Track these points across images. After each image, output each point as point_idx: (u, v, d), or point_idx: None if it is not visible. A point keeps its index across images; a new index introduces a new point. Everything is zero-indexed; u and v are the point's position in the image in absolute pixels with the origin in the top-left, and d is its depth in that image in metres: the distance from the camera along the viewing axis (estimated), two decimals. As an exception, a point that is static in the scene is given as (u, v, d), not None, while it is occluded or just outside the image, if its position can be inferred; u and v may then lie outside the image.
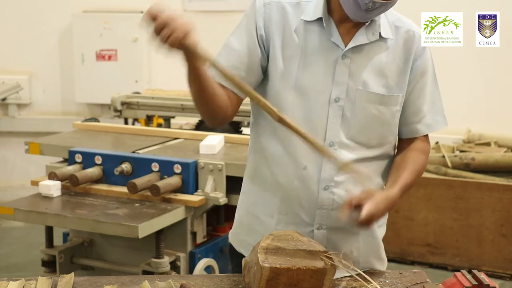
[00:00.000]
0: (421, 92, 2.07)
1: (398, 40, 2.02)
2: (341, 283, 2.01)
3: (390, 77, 2.02)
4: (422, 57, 2.04)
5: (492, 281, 1.82)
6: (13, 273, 4.48)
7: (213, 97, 1.93)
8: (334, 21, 1.99)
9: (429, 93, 2.08)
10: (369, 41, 1.99)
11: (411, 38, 2.03)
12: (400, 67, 2.02)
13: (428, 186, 4.83)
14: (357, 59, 1.99)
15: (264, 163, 2.08)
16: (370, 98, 2.00)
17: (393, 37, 2.02)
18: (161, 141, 3.96)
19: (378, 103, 2.00)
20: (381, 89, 2.01)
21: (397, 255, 4.94)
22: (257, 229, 2.09)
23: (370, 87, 1.99)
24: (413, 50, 2.03)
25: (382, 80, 2.01)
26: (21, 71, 6.30)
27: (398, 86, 2.03)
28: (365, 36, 1.98)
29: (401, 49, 2.03)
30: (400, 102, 2.04)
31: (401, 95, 2.04)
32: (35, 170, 5.41)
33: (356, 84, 1.99)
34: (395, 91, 2.02)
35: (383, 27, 2.00)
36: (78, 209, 3.25)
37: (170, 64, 6.20)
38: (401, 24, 2.04)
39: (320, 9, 1.98)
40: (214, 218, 3.66)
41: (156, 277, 2.00)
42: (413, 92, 2.06)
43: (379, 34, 2.00)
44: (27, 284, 1.93)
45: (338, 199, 2.02)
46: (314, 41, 1.99)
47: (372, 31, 1.99)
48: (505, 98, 5.49)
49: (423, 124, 2.09)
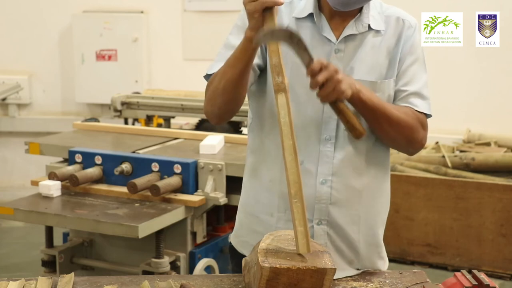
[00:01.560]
0: (406, 72, 2.05)
1: (388, 29, 2.05)
2: (341, 283, 2.01)
3: (383, 65, 2.03)
4: (410, 40, 2.05)
5: (492, 281, 1.82)
6: (13, 273, 4.48)
7: (246, 83, 1.95)
8: (325, 17, 2.02)
9: (415, 74, 2.06)
10: (358, 32, 2.01)
11: (400, 25, 2.05)
12: (391, 54, 2.04)
13: (428, 186, 4.83)
14: (349, 51, 2.01)
15: (262, 162, 2.09)
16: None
17: (384, 28, 2.04)
18: (161, 141, 3.96)
19: (372, 91, 2.00)
20: (374, 76, 2.02)
21: (397, 255, 4.94)
22: (258, 230, 2.09)
23: (364, 76, 2.01)
24: (402, 35, 2.05)
25: (375, 69, 2.02)
26: (21, 71, 6.30)
27: (389, 71, 2.04)
28: (354, 28, 2.01)
29: (392, 36, 2.05)
30: (393, 86, 2.05)
31: (392, 79, 2.05)
32: (35, 170, 5.42)
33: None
34: (387, 76, 2.04)
35: (372, 19, 2.03)
36: (78, 209, 3.25)
37: (170, 64, 6.26)
38: (391, 13, 2.07)
39: (310, 6, 2.02)
40: (214, 218, 3.66)
41: (156, 277, 2.00)
42: (399, 72, 2.06)
43: (368, 25, 2.02)
44: (27, 284, 1.93)
45: (336, 193, 2.02)
46: (306, 36, 2.00)
47: (361, 23, 2.02)
48: (505, 98, 5.49)
49: (406, 102, 2.05)
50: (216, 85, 1.97)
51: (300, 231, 1.79)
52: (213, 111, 2.03)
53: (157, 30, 6.14)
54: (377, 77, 2.02)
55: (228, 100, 1.98)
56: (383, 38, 2.04)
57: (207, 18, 5.99)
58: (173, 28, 6.11)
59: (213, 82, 1.99)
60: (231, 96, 1.96)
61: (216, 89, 1.97)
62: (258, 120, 2.10)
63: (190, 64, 6.04)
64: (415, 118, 2.04)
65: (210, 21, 5.95)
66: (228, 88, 1.94)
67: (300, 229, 1.79)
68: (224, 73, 1.94)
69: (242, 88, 1.96)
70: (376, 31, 2.03)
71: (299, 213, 1.80)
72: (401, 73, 2.05)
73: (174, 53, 6.15)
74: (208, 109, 2.05)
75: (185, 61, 6.13)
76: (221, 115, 2.04)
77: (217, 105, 2.00)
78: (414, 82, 2.06)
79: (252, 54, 1.89)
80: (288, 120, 1.82)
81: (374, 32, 2.03)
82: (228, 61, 1.93)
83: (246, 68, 1.91)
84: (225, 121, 2.12)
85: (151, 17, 6.15)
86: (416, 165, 5.02)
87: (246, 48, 1.88)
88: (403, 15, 2.07)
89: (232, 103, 1.99)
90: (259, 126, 2.10)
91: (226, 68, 1.93)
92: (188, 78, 5.64)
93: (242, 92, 1.97)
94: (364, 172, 2.05)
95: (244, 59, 1.89)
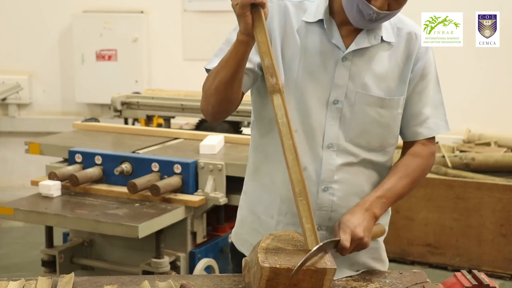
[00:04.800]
0: (422, 95, 2.05)
1: (399, 42, 2.02)
2: (341, 283, 2.01)
3: (391, 80, 2.01)
4: (423, 59, 2.03)
5: (492, 281, 1.82)
6: (13, 273, 4.48)
7: (239, 84, 1.94)
8: (336, 23, 1.98)
9: (431, 96, 2.06)
10: (371, 44, 1.98)
11: (412, 40, 2.03)
12: (401, 69, 2.02)
13: (428, 186, 4.83)
14: (358, 62, 1.98)
15: (264, 162, 2.09)
16: (370, 101, 1.99)
17: (395, 40, 2.01)
18: (161, 141, 3.96)
19: (378, 106, 2.00)
20: (382, 92, 2.00)
21: (397, 255, 4.95)
22: (258, 229, 2.09)
23: (370, 90, 1.99)
24: (414, 52, 2.02)
25: (382, 83, 2.00)
26: (21, 71, 6.31)
27: (399, 89, 2.02)
28: (366, 40, 1.98)
29: (403, 51, 2.02)
30: (402, 104, 2.03)
31: (402, 97, 2.02)
32: (35, 170, 5.42)
33: (355, 87, 1.98)
34: (396, 94, 2.01)
35: (385, 30, 2.00)
36: (78, 209, 3.25)
37: (170, 64, 6.26)
38: (403, 26, 2.03)
39: (321, 11, 1.98)
40: (214, 218, 3.66)
41: (156, 277, 2.00)
42: (414, 94, 2.04)
43: (381, 37, 1.99)
44: (27, 284, 1.93)
45: (337, 200, 2.02)
46: (314, 42, 1.98)
47: (374, 35, 1.98)
48: (505, 98, 5.49)
49: (424, 128, 2.07)
50: (210, 84, 1.95)
51: (308, 228, 1.80)
52: (208, 109, 2.01)
53: (157, 30, 6.15)
54: (385, 93, 2.00)
55: (220, 99, 1.95)
56: (393, 51, 2.01)
57: (207, 18, 5.99)
58: (173, 28, 6.11)
59: (208, 80, 1.98)
60: (223, 96, 1.94)
61: (209, 88, 1.96)
62: (260, 120, 2.09)
63: (190, 64, 6.04)
64: (425, 151, 2.08)
65: (210, 21, 5.96)
66: (220, 88, 1.92)
67: (307, 226, 1.80)
68: (217, 72, 1.92)
69: (234, 88, 1.93)
70: (388, 42, 2.00)
71: (305, 210, 1.81)
72: (417, 94, 2.04)
73: (174, 53, 6.15)
74: (203, 107, 2.03)
75: (185, 61, 6.13)
76: (215, 114, 2.02)
77: (211, 104, 1.98)
78: (431, 103, 2.06)
79: (244, 56, 1.87)
80: (286, 120, 1.82)
81: (385, 44, 2.00)
82: (221, 61, 1.92)
83: (238, 69, 1.89)
84: (220, 120, 2.10)
85: (151, 17, 6.15)
86: (416, 165, 5.01)
87: (238, 49, 1.86)
88: (416, 29, 2.04)
89: (226, 102, 1.97)
90: (260, 126, 2.09)
91: (219, 68, 1.92)
92: (188, 78, 5.64)
93: (235, 93, 1.94)
94: (366, 180, 2.05)
95: (235, 60, 1.87)
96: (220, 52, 2.01)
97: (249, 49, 1.86)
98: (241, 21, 1.82)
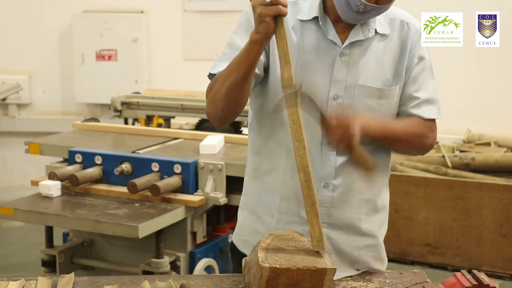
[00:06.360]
0: (416, 79, 2.06)
1: (393, 32, 2.04)
2: (341, 283, 2.01)
3: (388, 70, 2.03)
4: (417, 45, 2.05)
5: (492, 281, 1.82)
6: (13, 273, 4.48)
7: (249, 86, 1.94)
8: (330, 19, 2.00)
9: (424, 80, 2.07)
10: (365, 37, 2.00)
11: (405, 29, 2.05)
12: (396, 59, 2.04)
13: (428, 186, 4.83)
14: (355, 56, 2.00)
15: (263, 163, 2.09)
16: (369, 93, 2.01)
17: (389, 31, 2.03)
18: (161, 141, 3.96)
19: (377, 97, 2.01)
20: (380, 83, 2.02)
21: (397, 255, 4.94)
22: (259, 229, 2.09)
23: (369, 82, 2.00)
24: (408, 40, 2.04)
25: (380, 75, 2.02)
26: (21, 71, 6.31)
27: (395, 78, 2.04)
28: (360, 33, 2.00)
29: (396, 40, 2.04)
30: (398, 93, 2.05)
31: (398, 86, 2.04)
32: (35, 170, 5.41)
33: (354, 81, 2.00)
34: (393, 84, 2.04)
35: (378, 23, 2.02)
36: (78, 209, 3.25)
37: (170, 64, 6.26)
38: (395, 16, 2.06)
39: (315, 9, 2.00)
40: (214, 218, 3.66)
41: (156, 277, 2.00)
42: (409, 79, 2.06)
43: (375, 30, 2.01)
44: (27, 284, 1.93)
45: (338, 196, 2.02)
46: (311, 39, 1.99)
47: (368, 28, 2.01)
48: (505, 98, 5.49)
49: (418, 110, 2.07)
50: (219, 87, 1.94)
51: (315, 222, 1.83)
52: (216, 114, 2.00)
53: (157, 30, 6.15)
54: (383, 84, 2.02)
55: (230, 102, 1.95)
56: (388, 42, 2.03)
57: (207, 18, 5.99)
58: (173, 28, 6.11)
59: (215, 84, 1.97)
60: (234, 98, 1.94)
61: (219, 92, 1.95)
62: (259, 120, 2.09)
63: (190, 64, 6.04)
64: (424, 126, 2.06)
65: (210, 21, 5.95)
66: (231, 91, 1.92)
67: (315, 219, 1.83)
68: (227, 76, 1.91)
69: (245, 90, 1.93)
70: (382, 35, 2.03)
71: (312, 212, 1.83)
72: (411, 79, 2.05)
73: (174, 53, 6.15)
74: (210, 111, 2.02)
75: (185, 61, 6.13)
76: (224, 117, 2.02)
77: (219, 107, 1.97)
78: (424, 88, 2.07)
79: (257, 57, 1.87)
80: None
81: (380, 36, 2.02)
82: (231, 64, 1.91)
83: (250, 71, 1.89)
84: (227, 123, 2.09)
85: (151, 17, 6.15)
86: (416, 165, 5.02)
87: (251, 51, 1.85)
88: (407, 18, 2.06)
89: (235, 105, 1.97)
90: (260, 126, 2.09)
91: (229, 71, 1.91)
92: (188, 78, 5.65)
93: (245, 95, 1.95)
94: (365, 176, 2.05)
95: (248, 62, 1.87)
96: (224, 56, 2.01)
97: (261, 50, 1.86)
98: (261, 22, 1.81)
